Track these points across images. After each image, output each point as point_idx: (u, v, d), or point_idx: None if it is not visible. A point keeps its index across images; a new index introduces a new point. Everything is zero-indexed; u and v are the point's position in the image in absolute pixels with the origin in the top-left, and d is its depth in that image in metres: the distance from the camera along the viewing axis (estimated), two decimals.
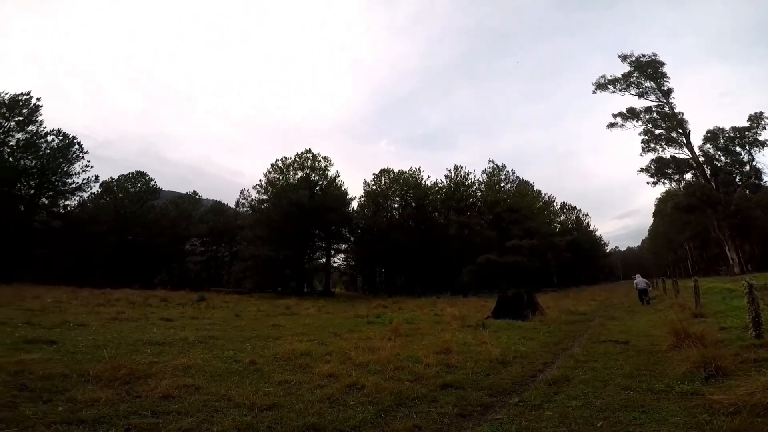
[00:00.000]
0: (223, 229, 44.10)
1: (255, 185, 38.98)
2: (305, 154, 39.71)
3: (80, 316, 10.61)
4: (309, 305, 19.30)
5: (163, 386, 4.09)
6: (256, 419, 3.47)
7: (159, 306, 15.35)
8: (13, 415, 3.05)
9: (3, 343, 5.96)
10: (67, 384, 4.05)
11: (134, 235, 37.70)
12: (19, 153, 29.84)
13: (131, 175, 39.71)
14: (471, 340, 8.07)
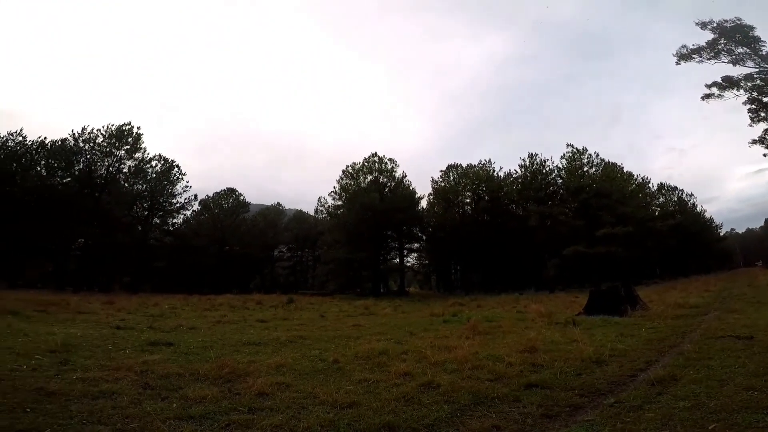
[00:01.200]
0: (305, 235, 47.04)
1: (330, 192, 40.97)
2: (372, 158, 40.71)
3: (191, 320, 11.87)
4: (385, 305, 19.68)
5: (259, 384, 4.44)
6: (338, 416, 3.63)
7: (255, 309, 16.84)
8: (137, 411, 3.51)
9: (132, 345, 6.85)
10: (181, 382, 4.54)
11: (231, 246, 41.95)
12: (131, 179, 35.02)
13: (223, 192, 44.31)
14: (559, 338, 7.57)
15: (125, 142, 33.89)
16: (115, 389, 4.03)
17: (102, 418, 3.26)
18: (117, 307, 14.31)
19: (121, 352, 6.18)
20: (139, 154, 34.74)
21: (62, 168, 32.17)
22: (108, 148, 33.28)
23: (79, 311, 12.18)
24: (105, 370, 4.82)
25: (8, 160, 30.00)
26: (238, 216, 43.53)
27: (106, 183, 32.95)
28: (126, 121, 34.38)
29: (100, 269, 32.81)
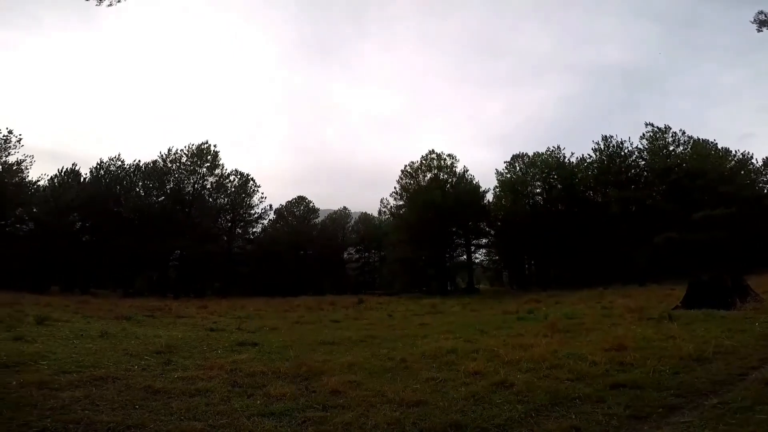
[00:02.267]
0: (371, 236, 48.15)
1: (391, 192, 41.38)
2: (430, 155, 40.32)
3: (273, 321, 12.69)
4: (453, 303, 19.35)
5: (333, 382, 4.62)
6: (404, 415, 3.65)
7: (328, 310, 17.58)
8: (227, 408, 3.83)
9: (223, 346, 7.48)
10: (265, 380, 4.87)
11: (305, 250, 44.38)
12: (214, 193, 38.60)
13: (294, 200, 47.04)
14: (652, 335, 6.91)
15: (205, 159, 37.48)
16: (209, 387, 4.45)
17: (197, 415, 3.60)
18: (210, 311, 15.85)
19: (214, 353, 6.80)
20: (218, 170, 38.25)
21: (156, 187, 36.51)
22: (192, 167, 37.14)
23: (179, 315, 13.68)
24: (201, 369, 5.34)
25: (113, 183, 34.80)
26: (309, 222, 45.87)
27: (193, 199, 36.74)
28: (203, 140, 38.06)
29: (194, 277, 36.72)
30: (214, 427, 3.31)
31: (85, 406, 3.63)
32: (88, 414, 3.40)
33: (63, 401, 3.70)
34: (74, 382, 4.34)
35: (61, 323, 9.46)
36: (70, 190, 32.59)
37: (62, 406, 3.58)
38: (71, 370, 4.88)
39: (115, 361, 5.66)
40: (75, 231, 33.28)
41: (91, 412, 3.45)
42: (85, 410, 3.51)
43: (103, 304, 16.32)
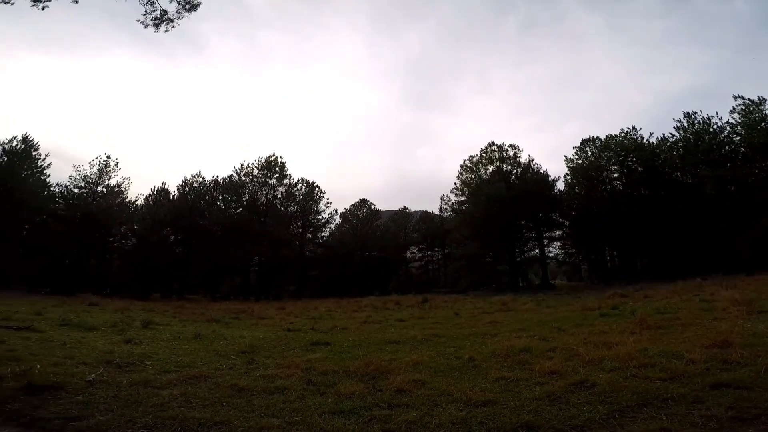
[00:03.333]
0: (433, 234, 47.78)
1: (452, 188, 40.62)
2: (489, 147, 38.85)
3: (343, 321, 13.21)
4: (526, 300, 18.42)
5: (398, 381, 4.68)
6: (471, 414, 3.58)
7: (393, 309, 17.80)
8: (301, 405, 4.07)
9: (299, 345, 7.92)
10: (336, 379, 5.07)
11: (369, 251, 45.45)
12: (285, 202, 41.18)
13: (357, 203, 48.38)
14: (765, 330, 6.04)
15: (274, 171, 40.22)
16: (286, 385, 4.75)
17: (275, 412, 3.87)
18: (287, 312, 16.91)
19: (291, 352, 7.23)
20: (287, 180, 40.83)
21: (234, 200, 39.84)
22: (263, 179, 40.05)
23: (260, 317, 14.79)
24: (279, 368, 5.71)
25: (197, 199, 38.60)
26: (372, 223, 46.84)
27: (266, 209, 39.49)
28: (270, 152, 40.83)
29: (272, 280, 39.45)
30: (289, 424, 3.52)
31: (181, 403, 4.05)
32: (183, 411, 3.79)
33: (163, 399, 4.16)
34: (173, 381, 4.87)
35: (162, 326, 10.70)
36: (162, 208, 36.84)
37: (162, 403, 4.02)
38: (171, 370, 5.49)
39: (206, 360, 6.26)
40: (169, 244, 37.46)
41: (186, 409, 3.84)
42: (180, 407, 3.91)
43: (195, 309, 18.22)
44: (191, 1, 8.52)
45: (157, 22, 8.65)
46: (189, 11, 8.56)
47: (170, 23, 8.73)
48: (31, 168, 32.70)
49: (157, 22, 8.64)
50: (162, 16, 8.64)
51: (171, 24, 8.77)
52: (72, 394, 4.16)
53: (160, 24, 8.65)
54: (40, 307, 12.86)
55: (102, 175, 35.06)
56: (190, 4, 8.60)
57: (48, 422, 3.45)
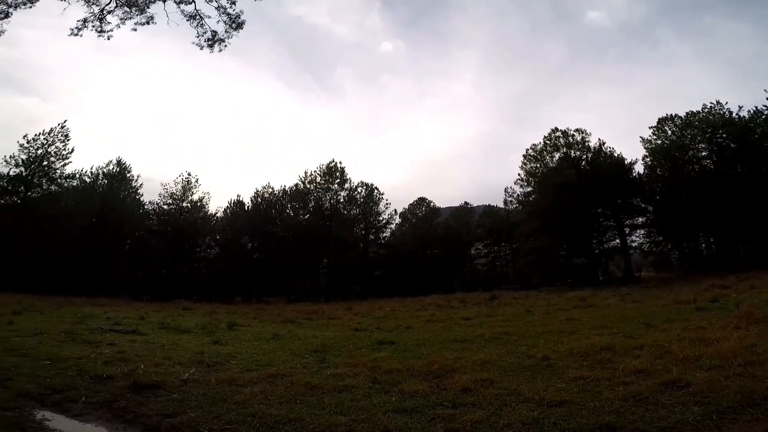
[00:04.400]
0: (498, 228, 46.04)
1: (516, 180, 38.82)
2: (553, 133, 36.50)
3: (407, 320, 13.25)
4: (608, 295, 16.97)
5: (464, 380, 4.61)
6: (543, 415, 3.41)
7: (459, 307, 17.46)
8: (367, 403, 4.18)
9: (365, 345, 8.10)
10: (400, 378, 5.13)
11: (431, 250, 45.12)
12: (347, 206, 42.51)
13: (416, 202, 48.29)
14: None
15: (335, 176, 41.75)
16: (354, 384, 4.90)
17: (343, 410, 4.02)
18: (354, 312, 17.40)
19: (358, 351, 7.43)
20: (347, 184, 42.21)
21: (301, 207, 42.01)
22: (325, 185, 41.74)
23: (330, 317, 15.39)
24: (348, 366, 5.90)
25: (269, 208, 41.30)
26: (432, 221, 46.44)
27: (331, 213, 41.09)
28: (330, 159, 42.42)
29: (340, 282, 40.91)
30: (355, 422, 3.63)
31: (261, 400, 4.36)
32: (262, 408, 4.08)
33: (245, 396, 4.50)
34: (254, 379, 5.25)
35: (244, 328, 11.57)
36: (239, 218, 40.03)
37: (244, 400, 4.35)
38: (252, 369, 5.92)
39: (283, 359, 6.67)
40: (247, 251, 40.55)
41: (265, 406, 4.13)
42: (260, 404, 4.21)
43: (273, 310, 19.49)
44: (236, 20, 9.18)
45: (210, 43, 9.42)
46: (236, 30, 9.23)
47: (221, 43, 9.48)
48: (127, 189, 37.48)
49: (210, 43, 9.42)
50: (213, 37, 9.39)
51: (222, 44, 9.52)
52: (169, 392, 4.67)
53: (213, 45, 9.42)
54: (143, 312, 14.62)
55: (185, 192, 39.21)
56: (236, 23, 9.27)
57: (148, 418, 3.90)
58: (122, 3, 8.84)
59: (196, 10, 9.12)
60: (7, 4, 8.43)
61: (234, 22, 9.29)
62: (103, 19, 9.01)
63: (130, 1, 8.85)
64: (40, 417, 3.90)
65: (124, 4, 8.85)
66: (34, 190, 32.93)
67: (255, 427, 3.58)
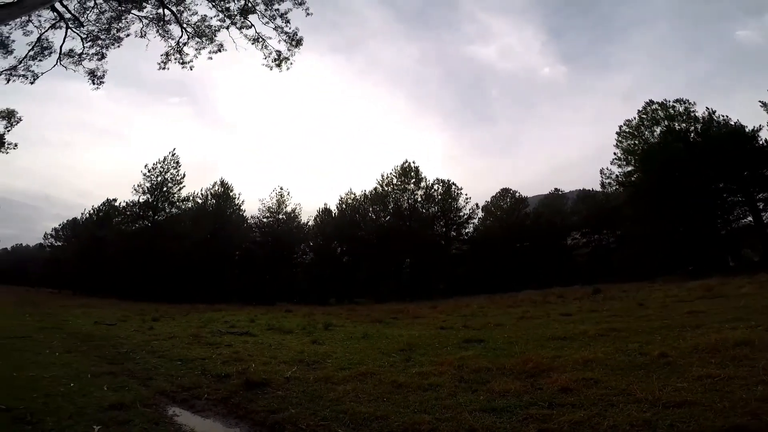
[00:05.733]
0: (597, 214, 41.69)
1: (612, 160, 34.81)
2: (649, 107, 32.25)
3: (497, 317, 12.69)
4: (742, 282, 14.23)
5: (563, 379, 4.30)
6: (657, 416, 3.01)
7: (556, 303, 16.19)
8: (452, 402, 4.11)
9: (451, 343, 7.97)
10: (489, 376, 4.96)
11: (521, 243, 42.70)
12: (425, 204, 42.41)
13: (499, 194, 46.08)
14: None
15: (410, 176, 42.09)
16: (439, 382, 4.86)
17: (427, 408, 4.00)
18: (439, 311, 17.22)
19: (444, 350, 7.35)
20: (423, 183, 42.21)
21: (382, 209, 43.01)
22: (401, 185, 42.23)
23: (416, 316, 15.44)
24: (433, 365, 5.88)
25: (353, 213, 43.11)
26: (519, 212, 43.95)
27: (410, 213, 41.41)
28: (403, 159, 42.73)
29: (423, 280, 40.92)
30: (439, 421, 3.58)
31: (352, 398, 4.55)
32: (353, 405, 4.25)
33: (338, 394, 4.74)
34: (346, 378, 5.50)
35: (338, 328, 12.19)
36: (328, 225, 42.53)
37: (337, 398, 4.58)
38: (345, 367, 6.21)
39: (372, 358, 6.88)
40: (337, 255, 42.85)
41: (355, 404, 4.30)
42: (351, 402, 4.40)
43: (362, 311, 20.25)
44: (294, 38, 9.77)
45: (277, 62, 10.16)
46: (297, 46, 9.81)
47: (287, 61, 10.16)
48: (232, 207, 42.39)
49: (278, 63, 10.15)
50: (279, 56, 10.11)
51: (288, 62, 10.21)
52: (274, 389, 5.12)
53: (280, 64, 10.16)
54: (253, 315, 16.29)
55: (280, 205, 42.98)
56: (295, 41, 9.87)
57: (256, 414, 4.32)
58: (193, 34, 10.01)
59: (257, 33, 9.93)
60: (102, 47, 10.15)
61: (293, 39, 9.93)
62: (182, 51, 10.31)
63: (198, 31, 10.00)
64: (171, 413, 4.54)
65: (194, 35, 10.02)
66: (159, 213, 39.40)
67: (346, 424, 3.76)
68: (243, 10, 9.71)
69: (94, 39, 10.21)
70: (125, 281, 36.27)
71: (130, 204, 40.62)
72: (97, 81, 10.74)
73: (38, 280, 56.28)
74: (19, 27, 9.91)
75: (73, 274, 45.25)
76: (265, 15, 9.65)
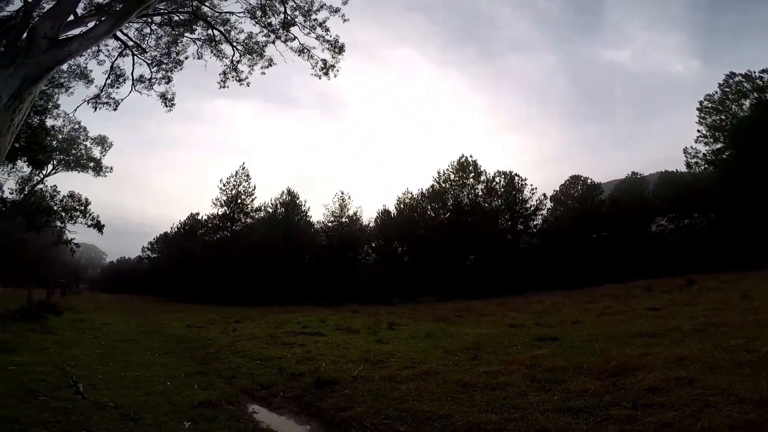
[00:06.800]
0: (684, 198, 37.05)
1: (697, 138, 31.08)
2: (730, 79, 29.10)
3: (573, 314, 11.88)
4: None
5: (651, 378, 3.93)
6: (765, 417, 2.56)
7: (642, 296, 14.76)
8: (522, 402, 3.91)
9: (522, 341, 7.66)
10: (565, 376, 4.66)
11: (596, 232, 39.49)
12: (488, 198, 41.04)
13: (568, 181, 42.99)
14: None
15: (468, 171, 41.05)
16: (508, 381, 4.66)
17: (494, 408, 3.86)
18: (508, 308, 16.54)
19: (514, 348, 7.05)
20: (483, 176, 40.92)
21: (440, 207, 42.42)
22: (460, 181, 41.30)
23: (482, 314, 14.97)
24: (502, 364, 5.67)
25: (411, 212, 43.14)
26: (593, 200, 40.73)
27: (471, 208, 40.34)
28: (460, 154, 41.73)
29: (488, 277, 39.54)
30: (507, 420, 3.43)
31: (415, 397, 4.54)
32: (416, 404, 4.25)
33: (402, 392, 4.76)
34: (410, 377, 5.50)
35: (402, 327, 12.24)
36: (388, 226, 43.01)
37: (401, 396, 4.60)
38: (408, 366, 6.22)
39: (436, 357, 6.81)
40: (398, 255, 43.19)
41: (418, 403, 4.29)
42: (414, 401, 4.40)
43: (425, 309, 20.15)
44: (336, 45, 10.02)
45: (324, 71, 10.51)
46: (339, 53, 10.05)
47: (333, 68, 10.47)
48: (299, 213, 44.67)
49: (325, 71, 10.50)
50: (325, 64, 10.45)
51: (334, 69, 10.52)
52: (342, 387, 5.29)
53: (328, 72, 10.50)
54: (323, 316, 16.98)
55: (342, 209, 44.41)
56: (337, 48, 10.14)
57: (325, 412, 4.50)
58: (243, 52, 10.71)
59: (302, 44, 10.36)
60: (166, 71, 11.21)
61: (335, 47, 10.25)
62: (236, 68, 11.08)
63: (248, 48, 10.67)
64: (251, 410, 4.87)
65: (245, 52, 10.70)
66: (236, 224, 42.89)
67: (408, 423, 3.76)
68: (284, 24, 10.23)
69: (158, 63, 11.42)
70: (210, 287, 39.97)
71: (211, 217, 45.21)
72: (169, 103, 11.99)
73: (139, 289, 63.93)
74: (92, 57, 11.39)
75: (167, 282, 50.79)
76: (305, 26, 10.11)
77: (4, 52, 6.05)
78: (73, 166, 34.45)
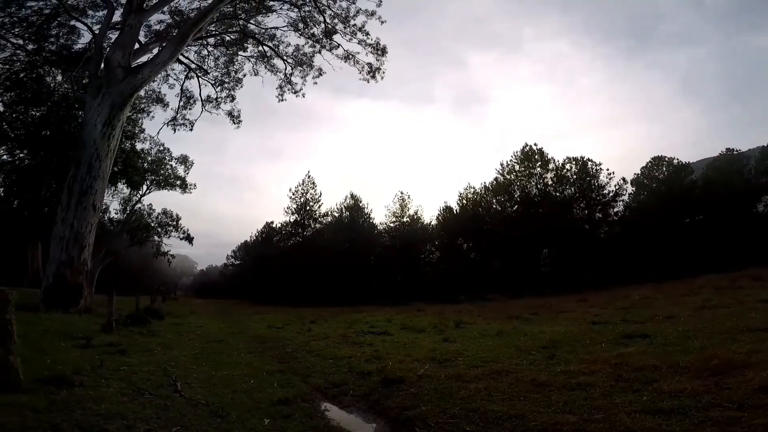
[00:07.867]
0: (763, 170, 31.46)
1: None
2: None
3: (666, 308, 10.81)
4: None
5: (763, 378, 3.40)
6: None
7: (752, 287, 12.82)
8: (606, 402, 3.60)
9: (607, 339, 7.08)
10: (656, 375, 4.25)
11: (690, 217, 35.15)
12: (558, 187, 38.35)
13: (651, 163, 38.71)
14: None
15: (534, 160, 38.77)
16: (590, 381, 4.32)
17: (573, 408, 3.59)
18: (590, 304, 15.33)
19: (597, 346, 6.55)
20: (551, 165, 38.40)
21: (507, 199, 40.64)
22: (526, 171, 39.16)
23: (560, 311, 14.07)
24: (583, 363, 5.29)
25: (475, 207, 41.89)
26: (682, 180, 36.30)
27: (540, 199, 38.13)
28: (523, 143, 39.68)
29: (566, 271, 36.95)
30: (588, 421, 3.17)
31: (484, 396, 4.40)
32: (484, 404, 4.11)
33: (469, 392, 4.65)
34: (479, 376, 5.36)
35: (470, 325, 11.96)
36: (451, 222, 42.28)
37: (468, 396, 4.50)
38: (477, 365, 6.07)
39: (508, 356, 6.55)
40: (464, 251, 42.22)
41: (487, 402, 4.15)
42: (483, 400, 4.27)
43: (495, 307, 19.41)
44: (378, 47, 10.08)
45: (371, 74, 10.65)
46: (382, 55, 10.10)
47: (378, 71, 10.57)
48: (362, 216, 45.93)
49: (372, 74, 10.64)
50: (371, 68, 10.59)
51: (380, 72, 10.62)
52: (408, 386, 5.31)
53: (375, 75, 10.63)
54: (389, 316, 17.17)
55: (403, 208, 44.75)
56: (380, 49, 10.20)
57: (391, 410, 4.55)
58: (294, 64, 11.23)
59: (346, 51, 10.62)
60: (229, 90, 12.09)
61: (377, 49, 10.38)
62: (290, 81, 11.67)
63: (297, 60, 11.17)
64: (323, 408, 5.07)
65: (295, 64, 11.22)
66: (306, 230, 45.41)
67: (475, 423, 3.64)
68: (326, 32, 10.59)
69: (220, 83, 12.50)
70: (286, 289, 42.74)
71: (284, 224, 48.73)
72: (236, 120, 13.04)
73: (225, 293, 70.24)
74: (163, 81, 12.76)
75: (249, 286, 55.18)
76: (346, 32, 10.38)
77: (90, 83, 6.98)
78: (162, 185, 38.98)
